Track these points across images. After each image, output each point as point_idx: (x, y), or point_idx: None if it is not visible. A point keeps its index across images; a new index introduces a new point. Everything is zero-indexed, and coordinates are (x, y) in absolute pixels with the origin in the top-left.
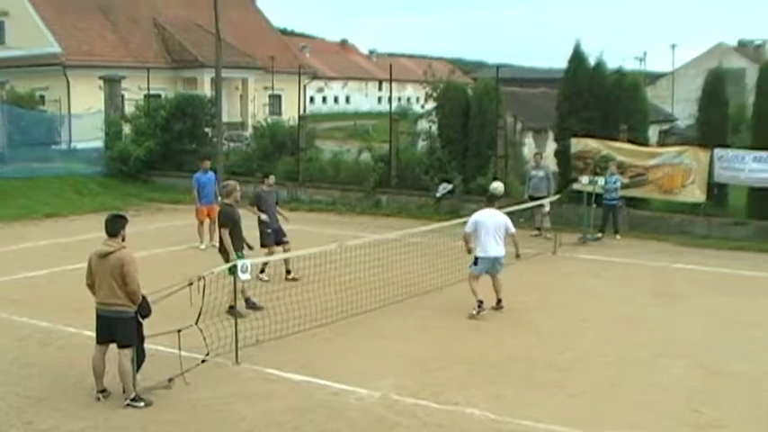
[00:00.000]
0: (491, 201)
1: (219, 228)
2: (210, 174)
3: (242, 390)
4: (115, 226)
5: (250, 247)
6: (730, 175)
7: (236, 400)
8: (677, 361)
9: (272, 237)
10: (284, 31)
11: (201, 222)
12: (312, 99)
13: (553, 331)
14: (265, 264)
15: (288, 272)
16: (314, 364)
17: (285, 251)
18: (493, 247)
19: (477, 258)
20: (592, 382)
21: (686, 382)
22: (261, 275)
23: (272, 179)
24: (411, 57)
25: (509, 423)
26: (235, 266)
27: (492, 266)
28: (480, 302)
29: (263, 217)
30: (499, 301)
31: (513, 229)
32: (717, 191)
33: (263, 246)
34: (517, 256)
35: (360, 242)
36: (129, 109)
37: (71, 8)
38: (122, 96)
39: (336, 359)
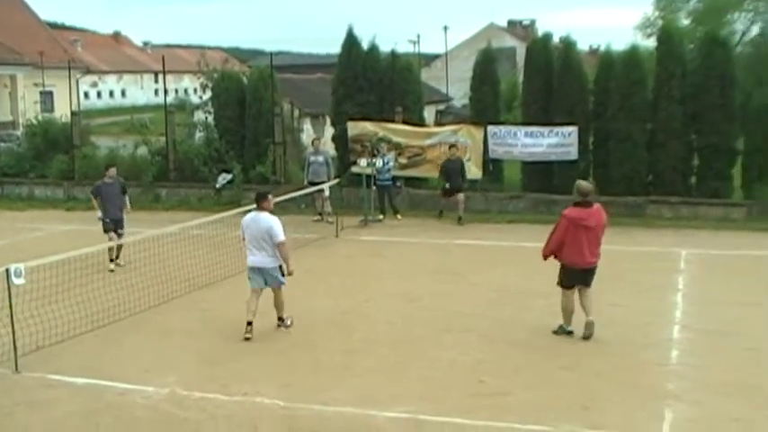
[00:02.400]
0: (260, 201)
1: None
2: None
3: (24, 398)
4: None
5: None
6: (504, 151)
7: (18, 409)
8: (461, 335)
9: (111, 225)
10: (53, 25)
11: None
12: (86, 94)
13: (338, 314)
14: (114, 250)
15: (111, 259)
16: (99, 366)
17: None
18: (251, 256)
19: None
20: (379, 361)
21: (471, 355)
22: (116, 262)
23: (111, 171)
24: (187, 47)
25: (300, 409)
26: (7, 270)
27: (259, 280)
28: (249, 323)
29: (99, 214)
30: (280, 318)
31: (279, 238)
32: (492, 167)
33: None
34: (289, 273)
35: (139, 238)
36: None
37: None
38: None
39: (121, 359)
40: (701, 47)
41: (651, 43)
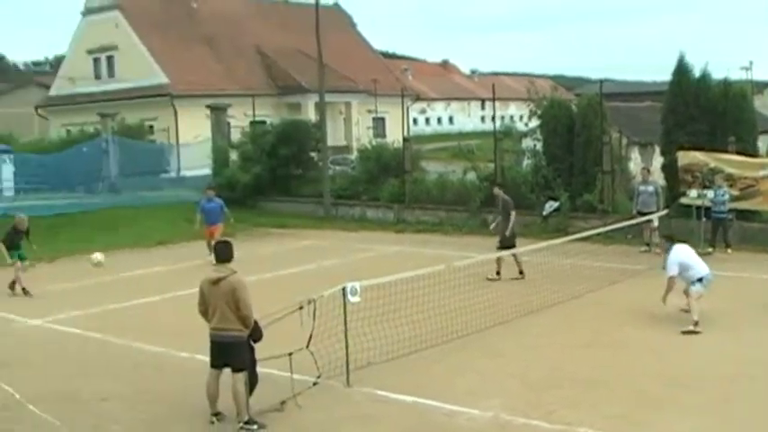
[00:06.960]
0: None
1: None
2: (216, 201)
3: (353, 412)
4: (226, 252)
5: None
6: None
7: (347, 422)
8: None
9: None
10: (385, 54)
11: (209, 238)
12: (415, 121)
13: (665, 348)
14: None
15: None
16: (424, 386)
17: None
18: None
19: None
20: (705, 398)
21: None
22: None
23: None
24: (512, 75)
25: None
26: (344, 289)
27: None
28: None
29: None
30: None
31: None
32: None
33: None
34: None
35: (468, 262)
36: (235, 136)
37: (177, 40)
38: (228, 124)
39: (447, 380)
40: None
41: None
